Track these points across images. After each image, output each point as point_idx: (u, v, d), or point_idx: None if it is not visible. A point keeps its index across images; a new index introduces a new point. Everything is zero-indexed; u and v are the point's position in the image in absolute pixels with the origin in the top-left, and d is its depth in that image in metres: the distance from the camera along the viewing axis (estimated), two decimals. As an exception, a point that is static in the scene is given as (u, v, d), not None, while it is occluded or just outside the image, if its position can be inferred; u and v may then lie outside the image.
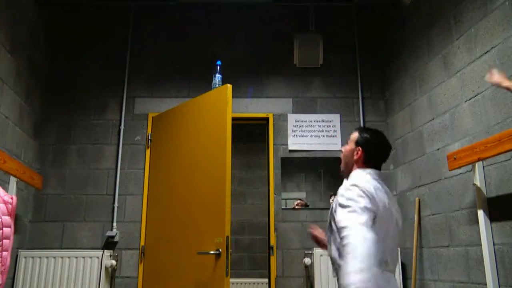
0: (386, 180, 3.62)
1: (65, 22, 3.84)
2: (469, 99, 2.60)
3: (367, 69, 3.88)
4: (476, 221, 2.45)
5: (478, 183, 2.40)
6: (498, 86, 1.98)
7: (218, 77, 3.11)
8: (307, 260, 3.33)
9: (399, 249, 3.29)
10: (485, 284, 2.36)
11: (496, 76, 1.95)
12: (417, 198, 3.16)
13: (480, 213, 2.36)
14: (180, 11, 3.93)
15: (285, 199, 3.56)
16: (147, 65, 3.80)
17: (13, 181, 2.87)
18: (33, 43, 3.40)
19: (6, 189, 2.80)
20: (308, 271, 3.39)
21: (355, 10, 4.00)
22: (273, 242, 3.45)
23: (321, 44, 3.84)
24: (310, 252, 3.36)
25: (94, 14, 3.88)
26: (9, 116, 2.99)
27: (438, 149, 2.95)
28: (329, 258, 1.77)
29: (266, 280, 3.69)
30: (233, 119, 3.58)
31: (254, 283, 5.29)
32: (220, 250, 2.61)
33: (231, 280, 5.25)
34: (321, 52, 3.84)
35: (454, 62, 2.78)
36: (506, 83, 1.91)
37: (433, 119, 3.03)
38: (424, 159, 3.13)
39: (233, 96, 3.68)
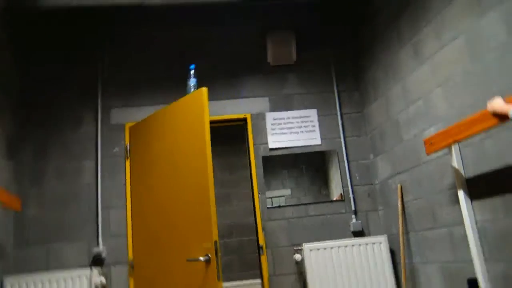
0: (368, 170, 3.68)
1: (33, 32, 3.72)
2: (441, 85, 2.67)
3: (341, 62, 3.93)
4: (457, 201, 2.52)
5: (456, 165, 2.46)
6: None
7: (192, 81, 3.09)
8: (297, 257, 3.35)
9: (386, 235, 3.35)
10: (471, 260, 2.43)
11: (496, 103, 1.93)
12: (399, 185, 3.22)
13: (460, 193, 2.42)
14: (151, 15, 3.88)
15: (271, 198, 3.57)
16: (121, 73, 3.74)
17: (-10, 205, 2.78)
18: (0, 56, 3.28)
19: (-16, 214, 2.70)
20: (299, 267, 3.41)
21: (326, 5, 4.04)
22: (262, 241, 3.46)
23: (293, 41, 3.87)
24: (299, 248, 3.38)
25: (63, 24, 3.79)
26: (-20, 139, 2.89)
27: (415, 136, 3.01)
28: (319, 250, 1.53)
29: (259, 280, 3.69)
30: (211, 122, 3.58)
31: (246, 285, 5.28)
32: (209, 255, 2.60)
33: (224, 284, 5.24)
34: (294, 49, 3.87)
35: (424, 50, 2.84)
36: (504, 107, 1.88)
37: (408, 106, 3.09)
38: (402, 146, 3.19)
39: (209, 99, 3.70)
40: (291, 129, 3.71)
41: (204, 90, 2.92)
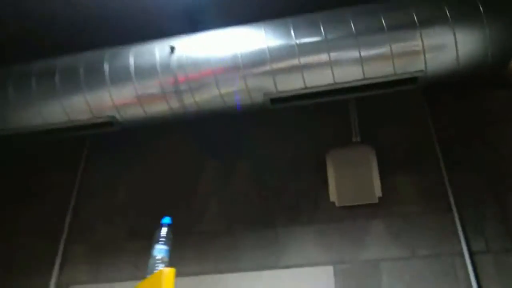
0: None
1: None
2: None
3: (464, 190, 2.14)
4: None
5: None
6: None
7: (160, 251, 1.55)
8: None
9: None
10: None
11: None
12: None
13: None
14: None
15: None
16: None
17: None
18: None
19: None
20: None
21: (423, 99, 2.44)
22: None
23: (375, 162, 2.25)
24: None
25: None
26: None
27: None
28: None
29: None
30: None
31: None
32: None
33: None
34: (376, 177, 2.22)
35: None
36: None
37: None
38: None
39: (227, 270, 2.12)
40: (379, 337, 1.85)
41: (169, 272, 1.38)
